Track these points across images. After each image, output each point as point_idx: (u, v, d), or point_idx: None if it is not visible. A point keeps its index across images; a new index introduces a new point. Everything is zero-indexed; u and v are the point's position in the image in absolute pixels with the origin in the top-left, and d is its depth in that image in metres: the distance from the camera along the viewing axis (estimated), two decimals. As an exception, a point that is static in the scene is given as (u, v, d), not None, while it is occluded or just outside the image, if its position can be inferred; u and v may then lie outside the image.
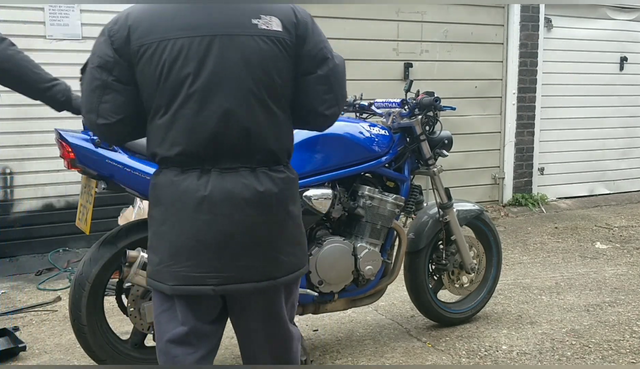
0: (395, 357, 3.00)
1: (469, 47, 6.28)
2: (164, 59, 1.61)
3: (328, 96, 1.79)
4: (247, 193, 1.65)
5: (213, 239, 1.64)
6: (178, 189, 1.65)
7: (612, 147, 7.33)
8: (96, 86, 1.66)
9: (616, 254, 4.89)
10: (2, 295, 3.97)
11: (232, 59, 1.63)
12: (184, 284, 1.66)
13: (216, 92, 1.62)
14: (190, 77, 1.61)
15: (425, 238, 3.18)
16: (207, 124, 1.62)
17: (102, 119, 1.68)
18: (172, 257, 1.66)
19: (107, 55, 1.65)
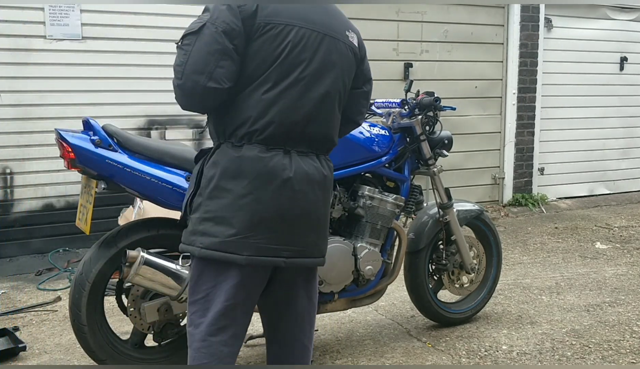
0: (395, 357, 3.00)
1: (469, 47, 6.29)
2: (288, 40, 1.75)
3: (364, 110, 2.12)
4: (318, 176, 1.85)
5: (293, 214, 1.78)
6: (266, 166, 1.75)
7: (612, 147, 7.33)
8: (216, 50, 1.70)
9: (616, 254, 4.89)
10: (2, 295, 3.97)
11: (333, 59, 1.85)
12: (261, 255, 1.76)
13: (319, 82, 1.81)
14: (305, 63, 1.78)
15: (425, 238, 3.18)
16: (305, 108, 1.79)
17: (214, 82, 1.71)
18: (251, 228, 1.74)
19: (234, 23, 1.72)
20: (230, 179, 1.76)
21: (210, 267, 1.80)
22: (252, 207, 1.74)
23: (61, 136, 2.48)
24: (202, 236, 1.77)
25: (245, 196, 1.74)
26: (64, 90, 4.67)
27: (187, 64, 1.73)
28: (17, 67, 4.55)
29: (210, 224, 1.76)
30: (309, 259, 1.87)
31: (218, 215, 1.76)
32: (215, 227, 1.75)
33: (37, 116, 4.59)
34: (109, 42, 4.75)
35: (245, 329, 1.88)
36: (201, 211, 1.79)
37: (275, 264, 1.80)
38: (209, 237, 1.76)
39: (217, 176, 1.78)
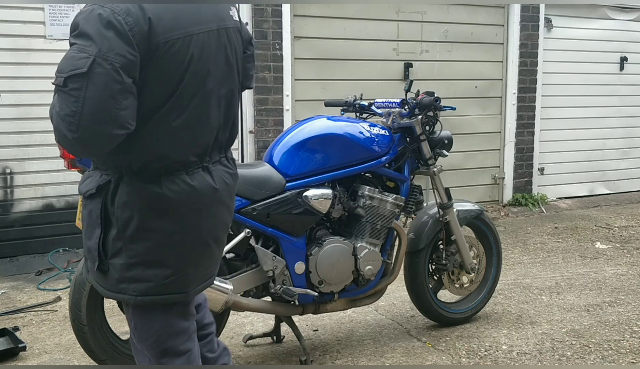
0: (395, 357, 3.00)
1: (469, 47, 6.28)
2: (190, 54, 1.52)
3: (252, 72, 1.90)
4: (232, 181, 1.73)
5: (219, 232, 1.70)
6: (195, 192, 1.60)
7: (612, 147, 7.33)
8: (116, 91, 1.41)
9: (616, 254, 4.89)
10: (2, 295, 3.97)
11: (228, 53, 1.64)
12: (201, 284, 1.70)
13: (221, 88, 1.63)
14: (210, 73, 1.58)
15: (425, 238, 3.18)
16: (215, 121, 1.63)
17: (119, 128, 1.44)
18: (188, 263, 1.63)
19: (130, 53, 1.43)
20: (155, 217, 1.57)
21: (152, 311, 1.66)
22: (185, 242, 1.61)
23: (61, 135, 2.47)
24: (133, 283, 1.59)
25: (176, 232, 1.59)
26: (64, 90, 4.66)
27: (82, 114, 1.40)
28: (17, 67, 4.55)
29: (140, 269, 1.58)
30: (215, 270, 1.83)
31: (147, 258, 1.58)
32: (148, 271, 1.59)
33: (37, 116, 4.59)
34: (109, 42, 4.75)
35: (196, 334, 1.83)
36: (124, 256, 1.59)
37: (210, 284, 1.77)
38: (143, 283, 1.59)
39: (137, 217, 1.56)
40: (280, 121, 5.42)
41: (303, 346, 2.90)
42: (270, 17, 5.30)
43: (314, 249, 2.80)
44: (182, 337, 1.72)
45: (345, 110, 3.30)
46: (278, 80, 5.39)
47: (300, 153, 2.81)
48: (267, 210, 2.70)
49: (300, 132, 2.88)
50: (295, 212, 2.73)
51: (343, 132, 2.89)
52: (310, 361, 2.88)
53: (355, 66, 5.71)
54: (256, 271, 2.74)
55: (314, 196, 2.75)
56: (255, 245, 2.72)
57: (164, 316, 1.67)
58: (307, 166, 2.80)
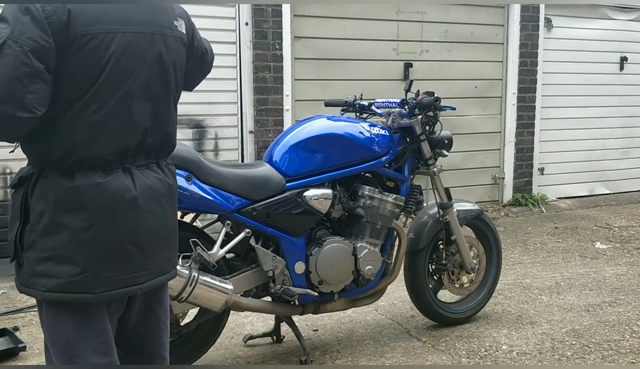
0: (395, 357, 3.01)
1: (469, 47, 6.29)
2: (111, 50, 1.54)
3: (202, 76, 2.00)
4: (163, 188, 1.70)
5: (142, 237, 1.64)
6: (107, 192, 1.57)
7: (612, 147, 7.33)
8: (24, 73, 1.43)
9: (616, 254, 4.89)
10: (2, 295, 3.97)
11: (164, 59, 1.67)
12: (115, 289, 1.61)
13: (150, 91, 1.64)
14: (134, 73, 1.59)
15: (425, 238, 3.18)
16: (141, 122, 1.63)
17: (24, 111, 1.45)
18: (99, 263, 1.57)
19: (43, 39, 1.45)
20: (66, 212, 1.55)
21: (62, 311, 1.61)
22: (96, 240, 1.56)
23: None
24: (42, 277, 1.56)
25: (87, 229, 1.55)
26: (64, 90, 4.67)
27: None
28: (17, 67, 4.54)
29: (50, 264, 1.55)
30: (163, 276, 1.75)
31: (57, 254, 1.55)
32: (57, 267, 1.55)
33: (37, 116, 4.59)
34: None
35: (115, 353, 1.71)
36: (37, 250, 1.57)
37: (132, 293, 1.67)
38: (52, 279, 1.55)
39: (49, 210, 1.55)
40: (280, 121, 5.43)
41: (303, 346, 2.90)
42: (270, 17, 5.30)
43: (314, 249, 2.80)
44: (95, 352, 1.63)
45: (345, 110, 3.30)
46: (278, 80, 5.39)
47: (300, 153, 2.81)
48: (267, 210, 2.70)
49: (300, 132, 2.88)
50: (295, 212, 2.74)
51: (343, 132, 2.89)
52: (310, 361, 2.88)
53: (355, 66, 5.71)
54: (256, 271, 2.74)
55: (314, 196, 2.75)
56: (255, 245, 2.72)
57: (73, 318, 1.61)
58: (307, 166, 2.80)
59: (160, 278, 1.74)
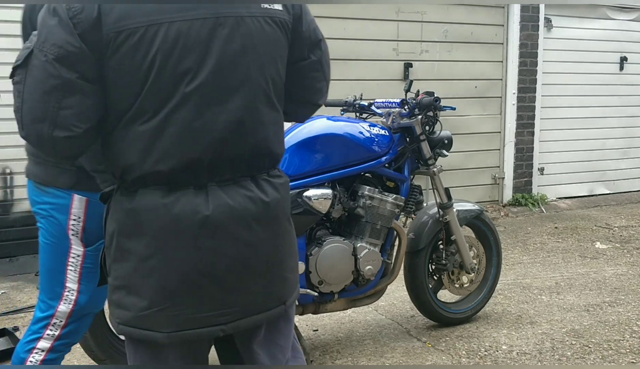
0: (395, 357, 3.00)
1: (469, 47, 6.29)
2: (155, 49, 1.25)
3: (321, 84, 1.58)
4: (253, 207, 1.36)
5: (220, 269, 1.34)
6: (170, 214, 1.31)
7: (612, 147, 7.33)
8: (53, 87, 1.24)
9: (616, 254, 4.89)
10: (2, 295, 3.97)
11: (239, 48, 1.32)
12: (187, 329, 1.34)
13: (222, 90, 1.32)
14: (190, 73, 1.28)
15: (425, 238, 3.18)
16: (211, 130, 1.31)
17: (61, 130, 1.26)
18: (166, 298, 1.32)
19: (68, 44, 1.23)
20: (129, 237, 1.34)
21: (135, 345, 1.42)
22: (161, 271, 1.32)
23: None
24: (117, 307, 1.39)
25: (150, 257, 1.32)
26: (64, 91, 4.67)
27: (23, 111, 1.29)
28: (17, 67, 4.55)
29: (122, 293, 1.37)
30: (260, 315, 1.41)
31: (126, 283, 1.36)
32: (127, 298, 1.36)
33: (37, 116, 4.60)
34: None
35: None
36: (112, 276, 1.40)
37: (211, 335, 1.37)
38: (124, 310, 1.37)
39: (115, 233, 1.36)
40: (280, 121, 5.42)
41: (303, 346, 2.89)
42: (270, 17, 5.30)
43: (313, 249, 2.80)
44: None
45: (345, 110, 3.30)
46: (278, 81, 5.38)
47: (300, 153, 2.81)
48: (267, 210, 2.69)
49: (300, 132, 2.88)
50: (295, 212, 2.73)
51: (343, 132, 2.89)
52: (310, 361, 2.88)
53: (355, 66, 5.71)
54: (256, 271, 2.74)
55: (314, 196, 2.75)
56: (255, 245, 2.71)
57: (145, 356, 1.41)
58: (306, 166, 2.80)
59: (255, 317, 1.41)
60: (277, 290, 1.44)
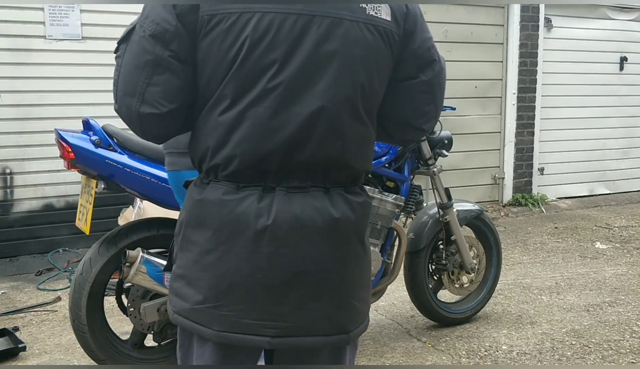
0: (395, 357, 3.00)
1: (469, 47, 6.29)
2: (244, 36, 1.23)
3: (429, 108, 1.44)
4: (320, 220, 1.29)
5: (275, 278, 1.28)
6: (232, 213, 1.28)
7: (612, 147, 7.34)
8: (146, 61, 1.26)
9: (616, 254, 4.89)
10: (2, 295, 3.97)
11: (331, 50, 1.26)
12: (234, 332, 1.30)
13: (303, 91, 1.26)
14: (275, 66, 1.24)
15: (425, 238, 3.18)
16: (285, 129, 1.26)
17: (147, 106, 1.28)
18: (219, 296, 1.30)
19: (165, 22, 1.25)
20: (194, 228, 1.33)
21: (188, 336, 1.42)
22: (218, 267, 1.30)
23: (61, 136, 2.48)
24: (175, 296, 1.38)
25: (210, 251, 1.30)
26: (64, 91, 4.67)
27: (118, 84, 1.33)
28: (17, 67, 4.55)
29: (181, 283, 1.36)
30: (312, 338, 1.31)
31: (187, 273, 1.35)
32: (186, 289, 1.35)
33: (37, 116, 4.59)
34: (109, 42, 4.74)
35: None
36: (176, 264, 1.40)
37: (256, 344, 1.31)
38: (181, 300, 1.36)
39: (184, 223, 1.37)
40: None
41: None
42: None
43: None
44: None
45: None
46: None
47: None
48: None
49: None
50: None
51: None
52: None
53: (355, 66, 5.70)
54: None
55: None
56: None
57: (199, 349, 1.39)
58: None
59: (309, 338, 1.31)
60: (340, 316, 1.34)
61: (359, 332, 1.38)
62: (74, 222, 2.79)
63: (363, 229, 1.38)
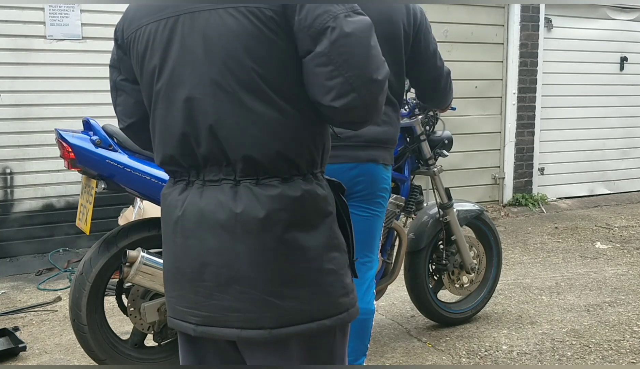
0: (395, 357, 3.00)
1: (469, 47, 6.29)
2: (136, 50, 1.39)
3: (334, 82, 1.23)
4: (221, 214, 1.29)
5: (188, 267, 1.34)
6: (164, 204, 1.42)
7: (612, 147, 7.34)
8: (111, 87, 1.56)
9: (616, 254, 4.89)
10: (2, 295, 3.97)
11: (193, 44, 1.29)
12: (173, 317, 1.41)
13: (179, 87, 1.31)
14: (156, 72, 1.35)
15: (426, 238, 3.18)
16: (176, 126, 1.33)
17: (119, 122, 1.57)
18: (165, 285, 1.46)
19: (114, 53, 1.50)
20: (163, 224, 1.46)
21: None
22: (164, 257, 1.44)
23: (61, 136, 2.48)
24: None
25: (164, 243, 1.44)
26: (64, 91, 4.67)
27: None
28: (17, 67, 4.55)
29: None
30: (228, 330, 1.31)
31: None
32: None
33: (37, 116, 4.59)
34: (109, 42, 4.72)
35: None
36: None
37: (185, 330, 1.37)
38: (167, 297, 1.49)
39: None
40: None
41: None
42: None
43: (314, 249, 2.79)
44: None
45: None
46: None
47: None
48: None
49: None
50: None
51: (343, 132, 2.88)
52: (310, 361, 2.87)
53: (355, 66, 5.70)
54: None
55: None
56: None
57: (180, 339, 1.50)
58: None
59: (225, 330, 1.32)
60: (249, 310, 1.29)
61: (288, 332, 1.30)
62: (74, 222, 2.79)
63: (280, 223, 1.28)
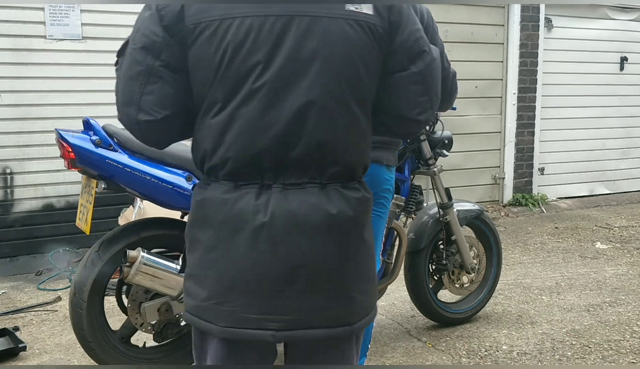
0: (395, 357, 3.00)
1: (469, 47, 6.28)
2: (226, 42, 1.29)
3: (423, 99, 1.44)
4: (316, 216, 1.33)
5: (274, 273, 1.32)
6: (232, 211, 1.33)
7: (612, 147, 7.34)
8: (138, 72, 1.35)
9: (616, 254, 4.89)
10: (2, 295, 3.97)
11: (311, 47, 1.31)
12: (238, 327, 1.33)
13: (289, 89, 1.31)
14: (258, 68, 1.30)
15: (426, 238, 3.18)
16: (275, 127, 1.31)
17: (144, 114, 1.36)
18: (223, 292, 1.34)
19: (154, 34, 1.33)
20: (198, 227, 1.39)
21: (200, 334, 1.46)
22: (220, 264, 1.35)
23: (61, 136, 2.48)
24: (186, 295, 1.43)
25: (213, 249, 1.35)
26: (64, 90, 4.67)
27: (117, 94, 1.42)
28: (17, 67, 4.55)
29: (191, 282, 1.41)
30: (316, 330, 1.35)
31: (195, 272, 1.40)
32: (194, 287, 1.40)
33: (37, 116, 4.59)
34: (109, 42, 4.75)
35: None
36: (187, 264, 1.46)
37: (260, 338, 1.34)
38: (190, 299, 1.41)
39: (190, 223, 1.44)
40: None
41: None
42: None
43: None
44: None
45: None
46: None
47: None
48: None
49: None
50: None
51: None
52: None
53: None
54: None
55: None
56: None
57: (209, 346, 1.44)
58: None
59: (312, 331, 1.35)
60: (338, 308, 1.37)
61: (362, 324, 1.41)
62: (74, 222, 2.78)
63: (363, 224, 1.40)
